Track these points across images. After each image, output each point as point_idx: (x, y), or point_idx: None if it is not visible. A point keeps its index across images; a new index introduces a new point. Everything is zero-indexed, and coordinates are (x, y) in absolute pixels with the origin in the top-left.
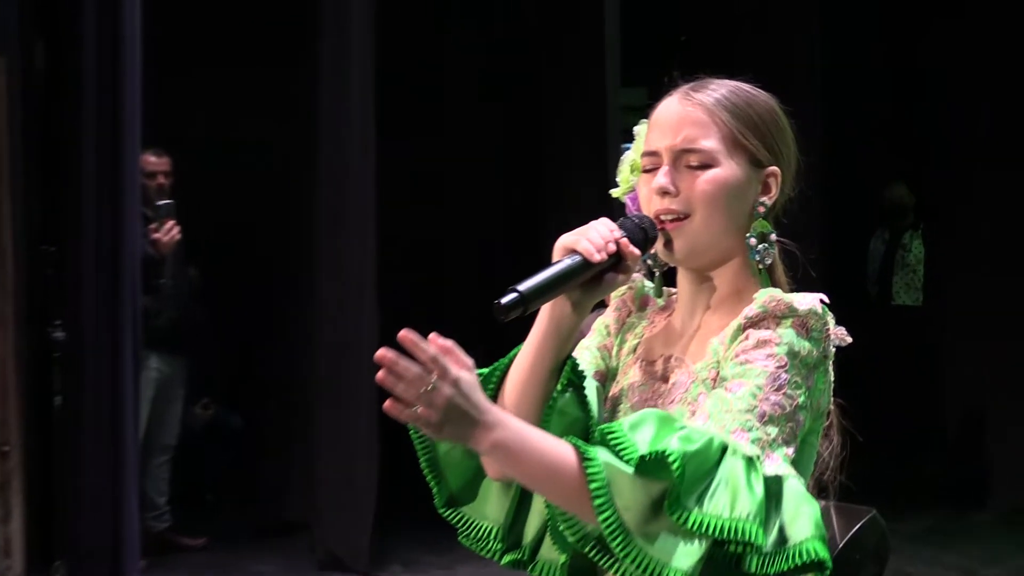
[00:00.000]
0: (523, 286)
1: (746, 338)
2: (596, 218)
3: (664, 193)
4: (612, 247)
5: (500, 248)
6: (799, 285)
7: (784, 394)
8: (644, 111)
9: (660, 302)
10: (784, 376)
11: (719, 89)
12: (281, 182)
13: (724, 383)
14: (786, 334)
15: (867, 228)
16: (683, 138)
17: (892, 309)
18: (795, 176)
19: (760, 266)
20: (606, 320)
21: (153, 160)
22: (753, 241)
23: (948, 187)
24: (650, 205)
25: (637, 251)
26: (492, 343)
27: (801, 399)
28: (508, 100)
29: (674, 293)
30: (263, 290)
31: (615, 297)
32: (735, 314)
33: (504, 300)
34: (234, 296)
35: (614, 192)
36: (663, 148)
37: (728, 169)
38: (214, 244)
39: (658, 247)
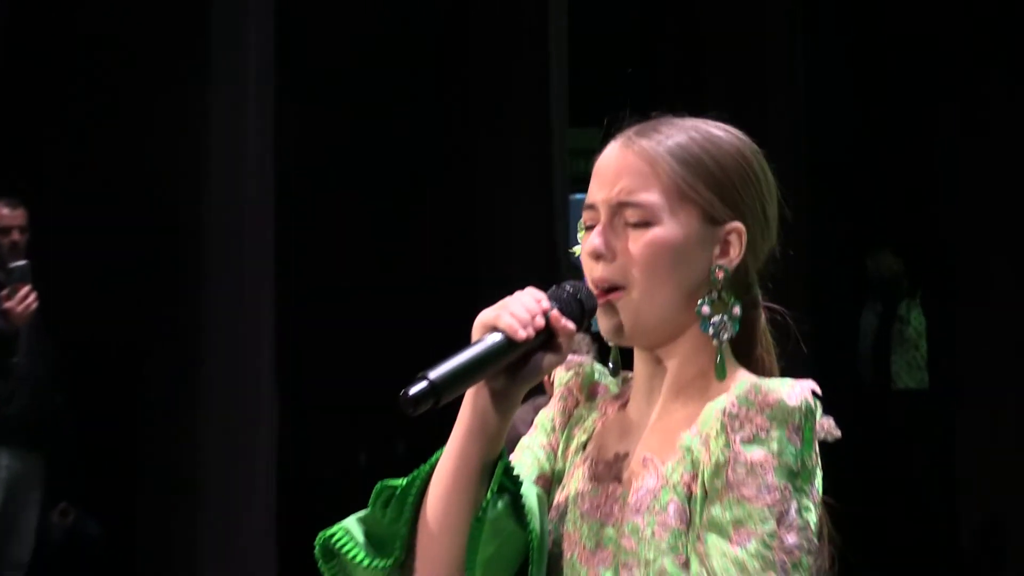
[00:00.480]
0: (435, 372)
1: (734, 459)
2: (544, 277)
3: (597, 257)
4: (540, 321)
5: (432, 320)
6: (785, 361)
7: (798, 530)
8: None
9: (614, 388)
10: (792, 507)
11: (670, 132)
12: (162, 232)
13: (722, 528)
14: (781, 449)
15: (854, 299)
16: (619, 190)
17: (892, 394)
18: (774, 231)
19: (716, 342)
20: (550, 413)
21: (6, 213)
22: (706, 310)
23: (946, 245)
24: (587, 270)
25: (571, 325)
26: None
27: (813, 519)
28: (438, 136)
29: (632, 376)
30: (134, 368)
31: (560, 384)
32: (703, 399)
33: (412, 390)
34: (99, 377)
35: (575, 250)
36: (600, 202)
37: (671, 228)
38: (76, 312)
39: (600, 322)
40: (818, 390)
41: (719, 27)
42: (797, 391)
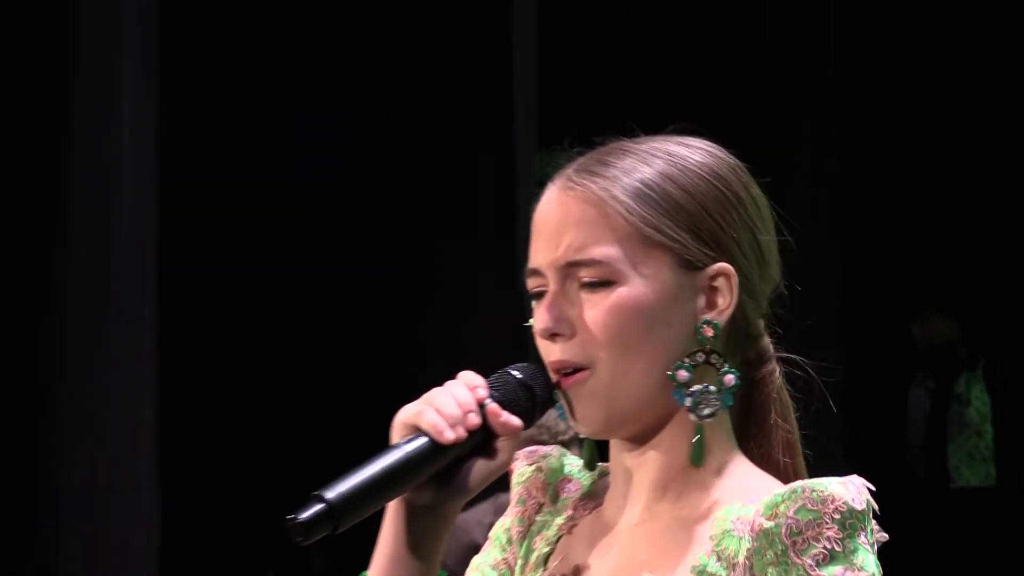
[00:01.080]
0: (333, 491)
1: None
2: (509, 356)
3: (550, 336)
4: (474, 419)
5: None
6: (809, 431)
7: None
8: None
9: (586, 483)
10: None
11: (621, 162)
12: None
13: None
14: (863, 561)
15: (899, 374)
16: (566, 248)
17: (950, 494)
18: (774, 262)
19: (694, 417)
20: (506, 522)
21: None
22: (683, 375)
23: (1013, 305)
24: (543, 352)
25: (515, 421)
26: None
27: None
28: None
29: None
30: None
31: (518, 484)
32: (702, 497)
33: (303, 516)
34: None
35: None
36: (544, 265)
37: (637, 285)
38: None
39: (566, 412)
40: (871, 486)
41: (738, 55)
42: (854, 491)
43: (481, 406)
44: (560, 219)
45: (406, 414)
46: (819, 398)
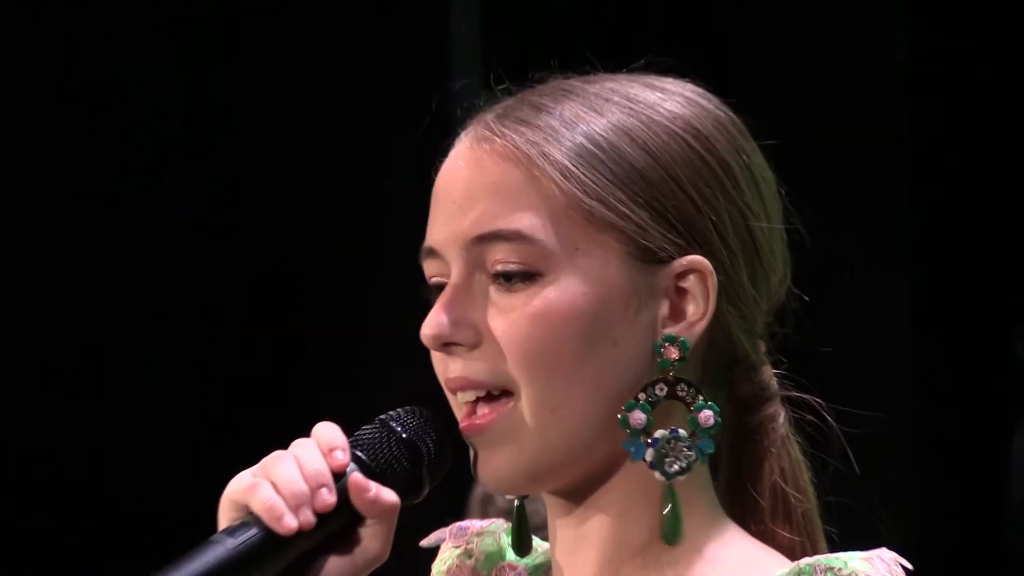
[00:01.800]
0: None
1: None
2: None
3: (443, 345)
4: (327, 497)
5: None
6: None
7: None
8: None
9: (528, 565)
10: None
11: (562, 106)
12: None
13: None
14: None
15: (995, 409)
16: (475, 219)
17: None
18: (776, 259)
19: (660, 475)
20: None
21: None
22: (638, 418)
23: None
24: (438, 369)
25: (390, 497)
26: None
27: None
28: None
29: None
30: None
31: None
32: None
33: None
34: None
35: None
36: (443, 243)
37: (573, 282)
38: None
39: (473, 463)
40: (907, 564)
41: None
42: (883, 568)
43: (340, 477)
44: (469, 181)
45: (236, 488)
46: (838, 455)
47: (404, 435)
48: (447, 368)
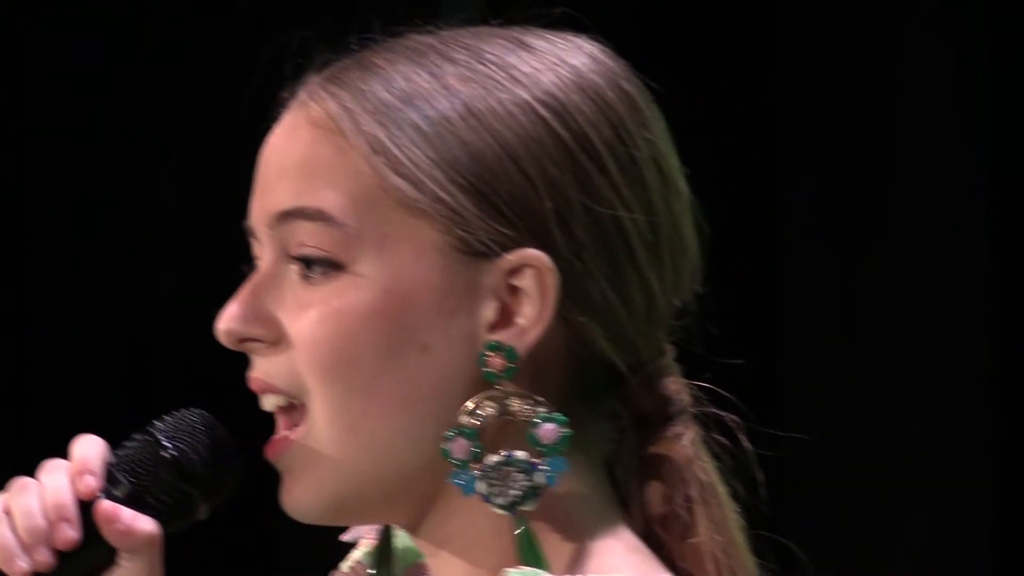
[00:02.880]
0: None
1: None
2: None
3: (239, 341)
4: (68, 533)
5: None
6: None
7: None
8: None
9: None
10: None
11: (388, 65)
12: None
13: None
14: None
15: None
16: (279, 195)
17: None
18: (652, 269)
19: (501, 510)
20: None
21: None
22: (461, 447)
23: None
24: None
25: (145, 527)
26: None
27: None
28: None
29: None
30: None
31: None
32: None
33: None
34: None
35: None
36: (255, 221)
37: (375, 277)
38: None
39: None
40: None
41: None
42: None
43: (88, 505)
44: (282, 152)
45: None
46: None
47: (170, 448)
48: (252, 366)
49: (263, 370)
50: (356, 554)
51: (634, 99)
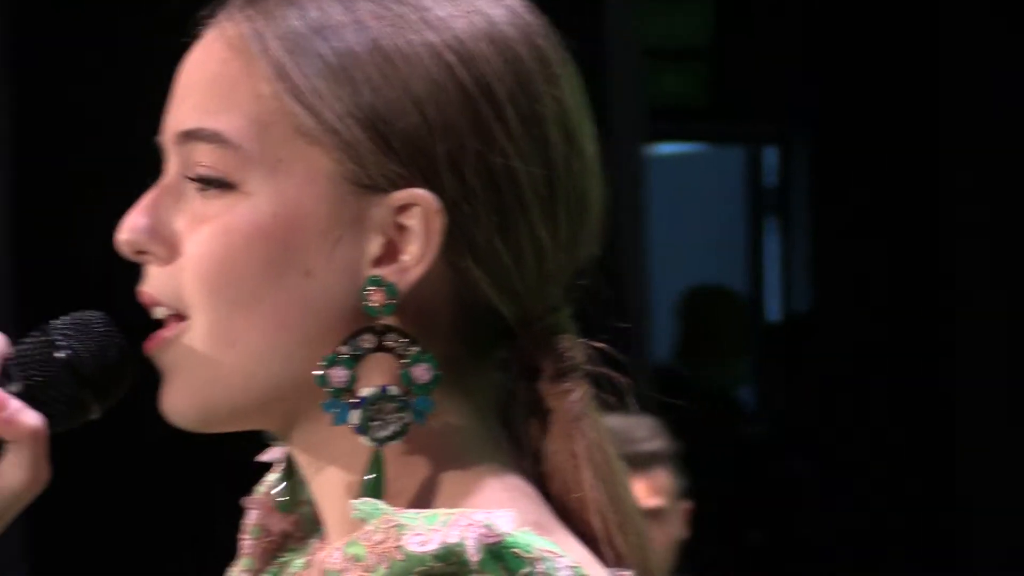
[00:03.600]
0: None
1: None
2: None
3: (137, 253)
4: None
5: None
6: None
7: None
8: None
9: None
10: None
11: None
12: None
13: None
14: None
15: None
16: (184, 113)
17: None
18: (545, 225)
19: (371, 442)
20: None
21: None
22: (338, 375)
23: None
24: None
25: (30, 419)
26: None
27: None
28: None
29: None
30: None
31: (252, 508)
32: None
33: None
34: None
35: None
36: (164, 135)
37: (263, 198)
38: None
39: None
40: (504, 528)
41: None
42: (456, 534)
43: None
44: (192, 69)
45: None
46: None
47: (62, 346)
48: (145, 280)
49: (151, 284)
50: (271, 477)
51: (546, 56)
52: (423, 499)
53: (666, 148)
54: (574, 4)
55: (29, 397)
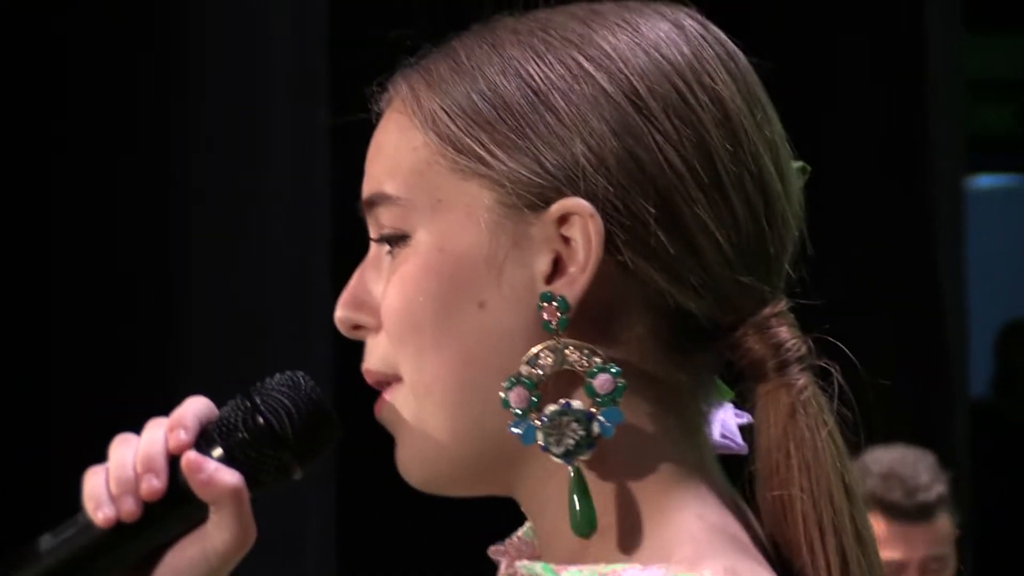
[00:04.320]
0: None
1: None
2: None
3: (351, 329)
4: (154, 484)
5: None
6: None
7: None
8: None
9: None
10: None
11: (470, 45)
12: None
13: None
14: None
15: None
16: (365, 184)
17: None
18: (716, 214)
19: (560, 459)
20: None
21: None
22: (519, 395)
23: None
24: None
25: (228, 478)
26: None
27: None
28: None
29: None
30: None
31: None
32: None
33: None
34: None
35: None
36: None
37: (429, 242)
38: None
39: None
40: None
41: None
42: None
43: (175, 459)
44: (373, 141)
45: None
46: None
47: (262, 408)
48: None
49: (369, 360)
50: (520, 531)
51: (696, 43)
52: (624, 537)
53: (985, 180)
54: (899, 38)
55: (230, 460)
